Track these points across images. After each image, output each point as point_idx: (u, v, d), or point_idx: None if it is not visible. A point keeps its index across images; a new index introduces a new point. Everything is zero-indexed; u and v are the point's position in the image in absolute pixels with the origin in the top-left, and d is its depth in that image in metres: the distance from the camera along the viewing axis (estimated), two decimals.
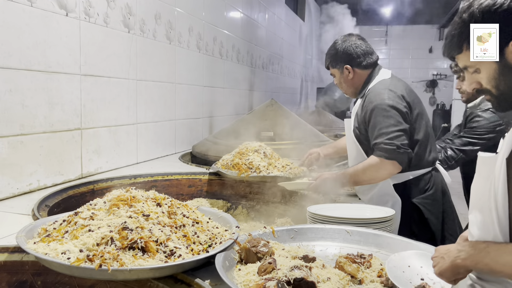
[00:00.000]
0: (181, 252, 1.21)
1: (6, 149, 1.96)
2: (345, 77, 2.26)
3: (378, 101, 2.05)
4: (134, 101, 2.93)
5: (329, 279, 1.18)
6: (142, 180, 2.50)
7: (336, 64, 2.27)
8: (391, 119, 2.01)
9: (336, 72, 2.29)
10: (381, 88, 2.11)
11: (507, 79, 1.10)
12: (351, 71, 2.23)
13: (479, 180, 1.09)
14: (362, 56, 2.22)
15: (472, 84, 1.17)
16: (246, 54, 5.43)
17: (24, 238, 1.26)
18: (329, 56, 2.29)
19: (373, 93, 2.11)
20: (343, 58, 2.23)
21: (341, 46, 2.24)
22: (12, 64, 1.95)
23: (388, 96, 2.06)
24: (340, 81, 2.29)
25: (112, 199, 1.34)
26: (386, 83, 2.14)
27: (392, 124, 2.00)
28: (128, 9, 2.80)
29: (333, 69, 2.29)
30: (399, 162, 1.98)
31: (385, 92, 2.08)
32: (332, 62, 2.28)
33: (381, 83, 2.15)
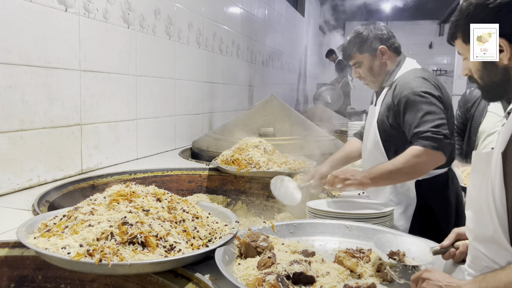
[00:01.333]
0: (181, 247, 1.21)
1: (6, 144, 1.96)
2: (378, 60, 2.08)
3: (414, 88, 1.89)
4: (134, 97, 2.93)
5: (328, 273, 1.19)
6: (142, 176, 2.51)
7: (367, 48, 2.08)
8: (434, 106, 1.84)
9: (366, 58, 2.09)
10: (415, 77, 1.96)
11: (490, 73, 1.13)
12: (386, 52, 2.07)
13: (475, 176, 1.09)
14: (393, 37, 2.11)
15: (465, 70, 1.20)
16: (246, 49, 5.42)
17: (25, 233, 1.26)
18: (358, 41, 2.09)
19: (405, 81, 1.96)
20: (376, 39, 2.07)
21: (371, 29, 2.09)
22: (11, 60, 1.95)
23: (425, 84, 1.91)
24: (372, 66, 2.09)
25: (112, 194, 1.35)
26: (417, 72, 2.00)
27: (435, 111, 1.83)
28: (127, 4, 2.79)
29: (363, 54, 2.09)
30: (445, 153, 1.79)
31: (420, 80, 1.93)
32: (362, 46, 2.08)
33: (413, 71, 2.01)
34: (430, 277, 1.05)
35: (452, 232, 1.32)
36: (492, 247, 1.04)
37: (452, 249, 1.28)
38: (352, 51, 2.12)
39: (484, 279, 0.99)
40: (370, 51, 2.09)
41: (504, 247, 1.00)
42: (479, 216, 1.07)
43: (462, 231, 1.28)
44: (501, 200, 1.00)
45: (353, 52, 2.12)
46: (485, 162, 1.05)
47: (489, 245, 1.05)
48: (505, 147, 1.00)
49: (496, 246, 1.03)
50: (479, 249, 1.08)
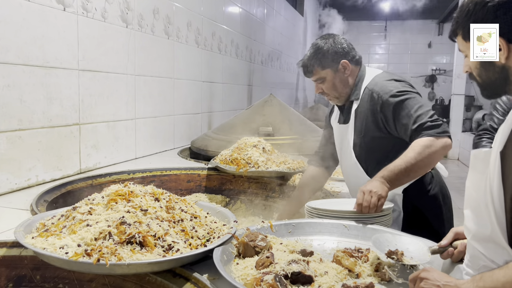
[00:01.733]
0: (179, 247, 1.21)
1: (5, 144, 1.96)
2: (341, 75, 2.03)
3: (395, 90, 1.88)
4: (132, 96, 2.92)
5: (326, 273, 1.19)
6: (140, 175, 2.51)
7: (329, 63, 2.02)
8: (419, 101, 1.85)
9: (328, 73, 2.03)
10: (387, 79, 1.96)
11: (488, 71, 1.14)
12: (348, 67, 2.02)
13: (474, 175, 1.09)
14: (353, 50, 2.07)
15: (465, 67, 1.21)
16: (245, 49, 5.42)
17: (23, 233, 1.26)
18: (319, 57, 2.02)
19: (380, 85, 1.93)
20: (337, 53, 2.02)
21: (330, 44, 2.03)
22: (9, 59, 1.95)
23: (401, 83, 1.92)
24: (334, 82, 2.04)
25: (110, 194, 1.35)
26: (386, 75, 2.00)
27: (424, 104, 1.85)
28: (126, 4, 2.79)
29: (324, 70, 2.03)
30: (450, 138, 1.80)
31: (394, 81, 1.93)
32: (323, 62, 2.02)
33: (380, 77, 2.00)
34: (428, 276, 1.05)
35: (450, 231, 1.32)
36: (490, 246, 1.04)
37: (450, 248, 1.28)
38: (313, 68, 2.05)
39: (482, 278, 0.99)
40: (331, 66, 2.02)
41: (502, 246, 1.00)
42: (478, 215, 1.07)
43: (460, 230, 1.29)
44: (499, 200, 1.00)
45: (314, 68, 2.04)
46: (483, 161, 1.05)
47: (487, 244, 1.05)
48: (503, 146, 1.00)
49: (494, 245, 1.03)
50: (477, 248, 1.08)
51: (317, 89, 2.10)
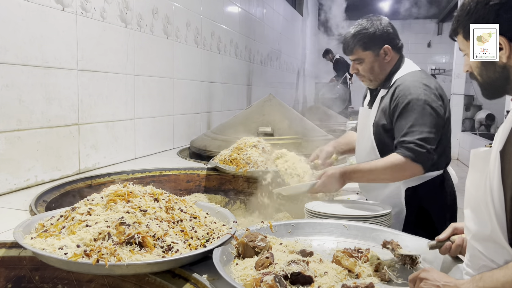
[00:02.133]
0: (178, 247, 1.21)
1: (3, 144, 1.95)
2: (380, 59, 2.00)
3: (414, 95, 1.85)
4: (131, 96, 2.92)
5: (326, 273, 1.19)
6: (140, 176, 2.50)
7: (372, 45, 1.98)
8: (426, 119, 1.82)
9: (368, 56, 2.00)
10: (415, 81, 1.91)
11: (489, 70, 1.13)
12: (389, 53, 1.99)
13: (473, 174, 1.09)
14: (397, 36, 2.03)
15: (466, 66, 1.21)
16: (244, 49, 5.41)
17: (22, 233, 1.26)
18: (362, 37, 1.98)
19: (405, 85, 1.91)
20: (382, 37, 1.98)
21: (376, 26, 1.98)
22: (8, 59, 1.95)
23: (425, 91, 1.86)
24: (373, 65, 2.01)
25: (109, 194, 1.34)
26: (418, 76, 1.94)
27: (427, 124, 1.81)
28: (125, 3, 2.78)
29: (366, 51, 1.99)
30: (424, 167, 1.81)
31: (420, 86, 1.87)
32: (366, 43, 1.98)
33: (413, 75, 1.95)
34: (428, 276, 1.05)
35: (449, 226, 1.31)
36: (490, 246, 1.04)
37: (448, 242, 1.28)
38: (354, 47, 2.01)
39: (482, 279, 0.99)
40: (373, 50, 1.99)
41: (502, 246, 1.00)
42: (477, 214, 1.07)
43: (459, 226, 1.29)
44: (499, 199, 1.00)
45: (355, 48, 2.01)
46: (483, 160, 1.05)
47: (487, 244, 1.05)
48: (503, 145, 1.00)
49: (494, 245, 1.03)
50: (477, 248, 1.08)
51: (352, 68, 2.09)
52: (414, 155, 1.78)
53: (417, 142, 1.79)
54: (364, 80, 2.10)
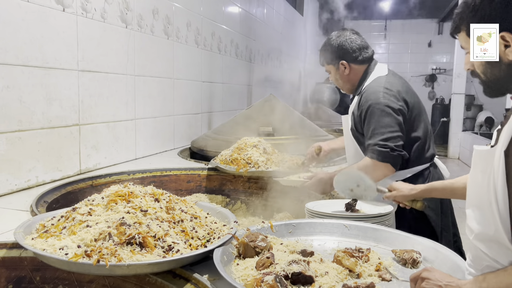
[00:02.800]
0: (179, 247, 1.21)
1: (4, 145, 1.96)
2: (341, 73, 2.20)
3: (373, 100, 2.01)
4: (132, 97, 2.92)
5: (327, 273, 1.18)
6: (140, 176, 2.50)
7: (331, 60, 2.21)
8: (386, 119, 1.96)
9: (331, 69, 2.23)
10: (377, 86, 2.06)
11: (493, 69, 1.12)
12: (347, 67, 2.17)
13: (476, 174, 1.09)
14: (357, 51, 2.17)
15: (467, 64, 1.19)
16: (244, 49, 5.41)
17: (22, 234, 1.26)
18: (324, 52, 2.23)
19: (368, 92, 2.06)
20: (338, 53, 2.17)
21: (335, 42, 2.18)
22: (9, 60, 1.95)
23: (384, 95, 2.00)
24: (336, 77, 2.23)
25: (110, 195, 1.34)
26: (381, 81, 2.08)
27: (386, 124, 1.95)
28: (125, 4, 2.78)
29: (328, 65, 2.23)
30: (392, 165, 1.95)
31: (380, 91, 2.02)
32: (327, 58, 2.22)
33: (377, 81, 2.09)
34: (430, 276, 1.05)
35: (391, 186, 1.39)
36: (493, 246, 1.03)
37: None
38: (321, 59, 2.27)
39: (485, 279, 0.98)
40: (333, 64, 2.21)
41: (506, 246, 1.00)
42: (480, 214, 1.06)
43: None
44: (503, 199, 0.99)
45: (322, 60, 2.27)
46: (486, 159, 1.04)
47: (491, 244, 1.04)
48: (507, 145, 0.99)
49: (498, 245, 1.02)
50: (480, 248, 1.07)
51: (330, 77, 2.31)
52: (378, 155, 1.94)
53: (379, 143, 1.94)
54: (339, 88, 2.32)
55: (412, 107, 2.07)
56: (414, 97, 2.13)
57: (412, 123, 2.07)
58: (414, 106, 2.09)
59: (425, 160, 2.12)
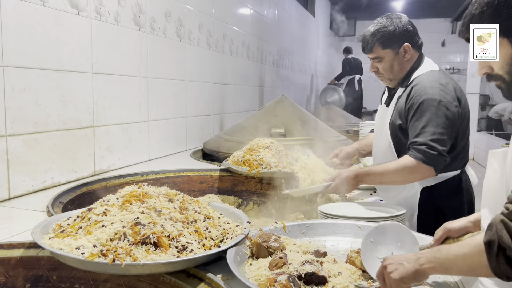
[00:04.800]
0: (193, 247, 1.22)
1: (21, 147, 1.99)
2: (400, 58, 2.00)
3: (429, 96, 1.84)
4: (145, 99, 2.95)
5: (340, 273, 1.19)
6: (154, 177, 2.52)
7: (391, 43, 1.98)
8: (439, 119, 1.80)
9: (388, 54, 2.00)
10: (432, 81, 1.90)
11: None
12: (409, 51, 1.99)
13: (491, 174, 1.08)
14: (417, 34, 2.02)
15: (484, 68, 1.14)
16: (256, 50, 5.42)
17: (40, 234, 1.28)
18: (383, 35, 1.98)
19: (421, 85, 1.90)
20: (402, 35, 1.97)
21: (396, 24, 1.98)
22: (25, 63, 1.98)
23: (441, 92, 1.84)
24: (392, 63, 2.01)
25: (124, 195, 1.36)
26: (435, 76, 1.93)
27: (439, 125, 1.80)
28: (138, 7, 2.82)
29: (385, 49, 2.00)
30: (436, 169, 1.80)
31: (437, 87, 1.86)
32: (386, 41, 1.98)
33: (430, 75, 1.94)
34: (390, 261, 1.07)
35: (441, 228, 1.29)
36: None
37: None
38: (373, 45, 2.01)
39: (439, 250, 1.02)
40: (393, 48, 2.00)
41: None
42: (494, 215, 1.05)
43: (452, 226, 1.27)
44: None
45: (374, 46, 2.01)
46: (500, 160, 1.03)
47: None
48: None
49: None
50: None
51: (372, 67, 2.09)
52: (425, 157, 1.78)
53: (429, 144, 1.78)
54: (383, 79, 2.10)
55: (464, 112, 1.93)
56: (465, 99, 1.97)
57: (460, 130, 1.93)
58: (466, 111, 1.95)
59: (457, 167, 2.00)
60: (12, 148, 1.95)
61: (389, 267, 1.05)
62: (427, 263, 1.00)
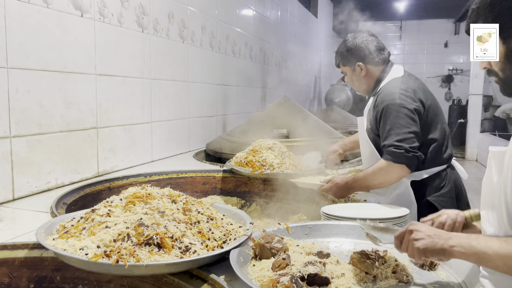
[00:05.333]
0: (196, 248, 1.22)
1: (25, 148, 2.00)
2: (357, 74, 2.21)
3: (389, 101, 2.00)
4: (148, 100, 2.96)
5: (343, 275, 1.19)
6: (157, 178, 2.53)
7: (347, 62, 2.22)
8: (402, 120, 1.95)
9: (347, 70, 2.24)
10: (393, 87, 2.05)
11: None
12: (364, 68, 2.18)
13: (490, 174, 1.07)
14: (374, 52, 2.17)
15: (483, 63, 1.16)
16: (258, 51, 5.43)
17: (44, 234, 1.29)
18: (340, 54, 2.24)
19: (384, 92, 2.06)
20: (355, 55, 2.18)
21: (352, 43, 2.19)
22: (29, 65, 1.99)
23: (400, 95, 2.00)
24: (352, 79, 2.24)
25: (128, 196, 1.36)
26: (397, 82, 2.08)
27: (402, 125, 1.94)
28: (141, 8, 2.83)
29: (345, 67, 2.24)
30: (408, 166, 1.92)
31: (396, 91, 2.02)
32: (343, 59, 2.23)
33: (393, 82, 2.10)
34: (418, 228, 1.05)
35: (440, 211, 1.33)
36: None
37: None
38: (337, 61, 2.28)
39: (477, 239, 0.99)
40: (350, 65, 2.22)
41: None
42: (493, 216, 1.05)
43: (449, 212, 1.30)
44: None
45: (338, 62, 2.28)
46: (499, 160, 1.03)
47: None
48: None
49: None
50: None
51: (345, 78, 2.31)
52: (393, 157, 1.92)
53: (394, 144, 1.92)
54: (356, 90, 2.32)
55: (428, 108, 2.06)
56: (431, 98, 2.12)
57: (429, 124, 2.06)
58: (431, 107, 2.07)
59: (442, 161, 2.11)
60: (16, 149, 1.96)
61: (415, 234, 1.03)
62: (458, 246, 0.99)
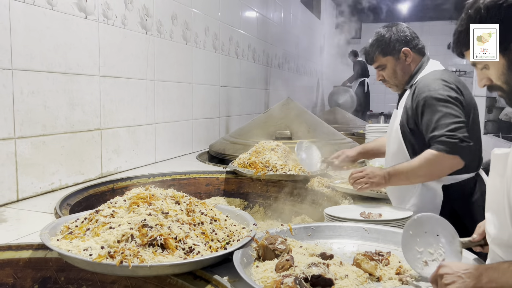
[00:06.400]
0: (199, 249, 1.22)
1: (29, 149, 2.01)
2: (401, 62, 2.07)
3: (432, 91, 1.86)
4: (152, 101, 2.97)
5: (346, 276, 1.18)
6: (160, 179, 2.53)
7: (390, 51, 2.07)
8: (450, 109, 1.80)
9: (389, 60, 2.09)
10: (434, 78, 1.93)
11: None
12: (409, 54, 2.06)
13: (494, 177, 1.07)
14: (416, 38, 2.10)
15: (483, 80, 1.14)
16: (262, 53, 5.43)
17: (48, 235, 1.29)
18: (380, 44, 2.09)
19: (423, 83, 1.94)
20: (399, 41, 2.06)
21: (392, 31, 2.08)
22: (34, 67, 2.01)
23: (444, 87, 1.87)
24: (395, 69, 2.08)
25: (132, 197, 1.37)
26: (437, 74, 1.96)
27: (452, 114, 1.79)
28: (145, 10, 2.84)
29: (385, 57, 2.09)
30: (462, 157, 1.76)
31: (438, 82, 1.89)
32: (385, 49, 2.08)
33: (433, 73, 1.97)
34: (447, 271, 1.02)
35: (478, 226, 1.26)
36: (509, 251, 1.02)
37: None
38: (374, 54, 2.12)
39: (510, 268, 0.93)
40: (393, 54, 2.08)
41: None
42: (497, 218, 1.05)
43: None
44: None
45: (375, 55, 2.12)
46: (503, 162, 1.03)
47: (507, 249, 1.02)
48: None
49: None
50: (497, 253, 1.06)
51: (378, 76, 2.18)
52: (447, 147, 1.75)
53: (447, 134, 1.76)
54: (390, 86, 2.17)
55: (468, 104, 1.92)
56: (471, 95, 1.98)
57: (471, 121, 1.91)
58: (471, 105, 1.94)
59: (471, 169, 1.97)
60: (21, 150, 1.97)
61: (446, 278, 1.00)
62: (489, 282, 0.94)
